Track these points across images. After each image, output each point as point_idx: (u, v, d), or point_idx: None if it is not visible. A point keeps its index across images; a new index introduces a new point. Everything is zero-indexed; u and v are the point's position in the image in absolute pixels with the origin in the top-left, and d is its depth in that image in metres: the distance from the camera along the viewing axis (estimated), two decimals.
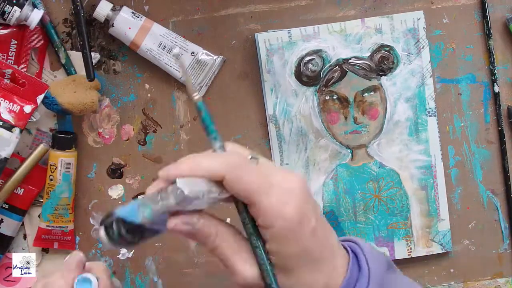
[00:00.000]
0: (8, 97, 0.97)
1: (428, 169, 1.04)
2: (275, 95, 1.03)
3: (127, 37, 1.01)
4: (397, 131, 1.04)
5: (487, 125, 1.05)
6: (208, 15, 1.04)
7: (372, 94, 1.03)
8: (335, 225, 1.04)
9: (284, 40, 1.02)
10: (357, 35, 1.03)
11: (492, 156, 1.05)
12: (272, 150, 1.04)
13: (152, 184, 0.64)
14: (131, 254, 1.05)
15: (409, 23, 1.03)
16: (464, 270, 1.06)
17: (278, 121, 1.03)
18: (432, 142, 1.04)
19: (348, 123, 1.03)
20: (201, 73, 1.03)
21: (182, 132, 1.05)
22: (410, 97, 1.03)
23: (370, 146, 1.04)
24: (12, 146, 0.97)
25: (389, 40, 1.03)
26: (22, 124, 0.97)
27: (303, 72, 1.02)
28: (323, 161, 1.04)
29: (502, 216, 1.06)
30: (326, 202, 1.04)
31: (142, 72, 1.05)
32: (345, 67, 1.03)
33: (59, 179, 1.01)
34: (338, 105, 1.03)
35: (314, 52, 1.02)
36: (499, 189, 1.06)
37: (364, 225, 1.04)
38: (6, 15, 0.97)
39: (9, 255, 1.04)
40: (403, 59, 1.03)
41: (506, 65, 1.05)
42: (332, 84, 1.03)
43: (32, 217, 1.05)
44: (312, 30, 1.02)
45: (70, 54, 1.03)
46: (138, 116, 1.05)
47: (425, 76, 1.03)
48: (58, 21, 1.04)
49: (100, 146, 1.05)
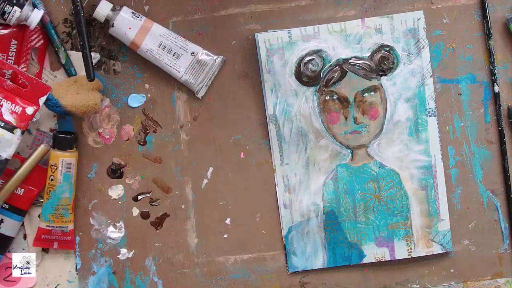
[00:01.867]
0: (10, 98, 0.97)
1: (428, 169, 1.04)
2: (275, 95, 1.03)
3: (127, 37, 1.01)
4: (397, 131, 1.04)
5: (487, 125, 1.05)
6: (208, 15, 1.04)
7: (372, 94, 1.03)
8: (335, 225, 1.04)
9: (284, 40, 1.02)
10: (357, 35, 1.03)
11: (492, 156, 1.05)
12: (272, 150, 1.04)
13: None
14: (131, 254, 1.05)
15: (409, 23, 1.03)
16: (464, 270, 1.06)
17: (278, 121, 1.04)
18: (432, 142, 1.04)
19: (348, 123, 1.03)
20: (201, 73, 1.03)
21: (182, 132, 1.05)
22: (410, 97, 1.04)
23: (370, 146, 1.04)
24: (14, 147, 0.97)
25: (389, 40, 1.03)
26: (23, 125, 0.97)
27: (303, 72, 1.02)
28: (323, 161, 1.04)
29: (502, 216, 1.06)
30: (326, 202, 1.04)
31: (142, 72, 1.05)
32: (345, 67, 1.03)
33: (59, 179, 1.01)
34: (338, 105, 1.03)
35: (314, 52, 1.03)
36: (499, 189, 1.06)
37: (364, 225, 1.05)
38: (6, 15, 0.97)
39: (9, 255, 1.05)
40: (403, 59, 1.03)
41: (506, 65, 1.05)
42: (332, 84, 1.03)
43: (32, 217, 1.05)
44: (312, 30, 1.02)
45: (70, 54, 1.03)
46: (138, 116, 1.05)
47: (425, 76, 1.03)
48: (58, 21, 1.04)
49: (100, 146, 1.05)
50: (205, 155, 1.05)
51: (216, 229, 1.06)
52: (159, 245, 1.06)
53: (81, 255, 1.06)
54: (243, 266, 1.06)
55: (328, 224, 1.05)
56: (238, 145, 1.05)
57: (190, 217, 1.06)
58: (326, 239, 1.05)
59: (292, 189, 1.04)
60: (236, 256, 1.06)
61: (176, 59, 1.02)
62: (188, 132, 1.05)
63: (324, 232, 1.05)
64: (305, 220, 1.05)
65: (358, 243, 1.05)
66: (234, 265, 1.06)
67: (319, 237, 1.05)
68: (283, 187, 1.04)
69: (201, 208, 1.06)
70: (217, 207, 1.06)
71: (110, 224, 1.06)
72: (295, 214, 1.04)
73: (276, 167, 1.04)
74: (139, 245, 1.06)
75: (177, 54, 1.02)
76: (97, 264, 1.06)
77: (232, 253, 1.06)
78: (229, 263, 1.06)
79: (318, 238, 1.05)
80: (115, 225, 1.06)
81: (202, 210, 1.06)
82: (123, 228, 1.06)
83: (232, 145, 1.05)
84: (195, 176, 1.05)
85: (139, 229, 1.06)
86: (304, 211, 1.04)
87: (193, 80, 1.03)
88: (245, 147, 1.05)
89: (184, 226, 1.06)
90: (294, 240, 1.05)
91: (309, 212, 1.04)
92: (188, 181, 1.05)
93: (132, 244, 1.06)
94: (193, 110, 1.05)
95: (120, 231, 1.06)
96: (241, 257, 1.06)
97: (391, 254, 1.05)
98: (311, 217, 1.04)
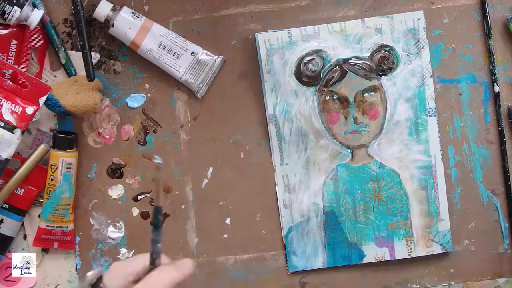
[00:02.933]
0: (11, 98, 0.97)
1: (428, 169, 1.04)
2: (275, 95, 1.03)
3: (127, 37, 1.01)
4: (397, 131, 1.04)
5: (487, 125, 1.05)
6: (208, 15, 1.04)
7: (372, 94, 1.03)
8: (335, 225, 1.04)
9: (284, 40, 1.02)
10: (357, 35, 1.03)
11: (492, 156, 1.05)
12: (272, 150, 1.04)
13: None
14: (131, 254, 1.05)
15: (409, 23, 1.03)
16: (464, 270, 1.06)
17: (278, 121, 1.04)
18: (432, 142, 1.04)
19: (348, 123, 1.03)
20: (201, 73, 1.03)
21: (182, 132, 1.05)
22: (410, 97, 1.03)
23: (370, 146, 1.04)
24: (13, 147, 0.97)
25: (389, 40, 1.03)
26: (24, 125, 0.97)
27: (303, 72, 1.02)
28: (323, 161, 1.04)
29: (502, 216, 1.06)
30: (326, 202, 1.04)
31: (142, 72, 1.05)
32: (345, 67, 1.02)
33: (59, 179, 1.01)
34: (338, 105, 1.03)
35: (314, 52, 1.02)
36: (499, 189, 1.06)
37: (364, 225, 1.05)
38: (6, 15, 0.97)
39: (9, 255, 1.05)
40: (403, 59, 1.03)
41: (506, 65, 1.05)
42: (332, 84, 1.03)
43: (32, 217, 1.05)
44: (312, 30, 1.02)
45: (70, 54, 1.03)
46: (138, 116, 1.05)
47: (425, 76, 1.03)
48: (58, 21, 1.04)
49: (100, 146, 1.05)
50: (205, 155, 1.05)
51: (216, 229, 1.06)
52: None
53: (81, 255, 1.06)
54: (243, 266, 1.06)
55: (328, 224, 1.04)
56: (238, 145, 1.05)
57: (190, 217, 1.06)
58: (326, 239, 1.05)
59: (292, 189, 1.04)
60: (236, 256, 1.06)
61: (176, 59, 1.02)
62: (188, 132, 1.05)
63: (324, 232, 1.05)
64: (305, 220, 1.05)
65: (358, 243, 1.05)
66: (234, 265, 1.06)
67: (319, 237, 1.05)
68: (283, 187, 1.04)
69: (201, 208, 1.06)
70: (217, 207, 1.06)
71: (110, 224, 1.06)
72: (295, 214, 1.04)
73: (276, 167, 1.04)
74: (139, 245, 1.06)
75: (177, 54, 1.02)
76: (97, 264, 1.06)
77: (232, 253, 1.06)
78: (229, 263, 1.06)
79: (318, 238, 1.05)
80: (115, 225, 1.06)
81: (202, 210, 1.06)
82: (123, 228, 1.06)
83: (232, 145, 1.05)
84: (195, 176, 1.05)
85: (139, 229, 1.06)
86: (304, 211, 1.04)
87: (193, 80, 1.03)
88: (245, 147, 1.05)
89: (184, 226, 1.06)
90: (294, 240, 1.05)
91: (309, 212, 1.04)
92: (188, 181, 1.05)
93: (132, 244, 1.06)
94: (193, 110, 1.05)
95: (120, 231, 1.06)
96: (241, 257, 1.06)
97: (391, 254, 1.05)
98: (311, 217, 1.04)
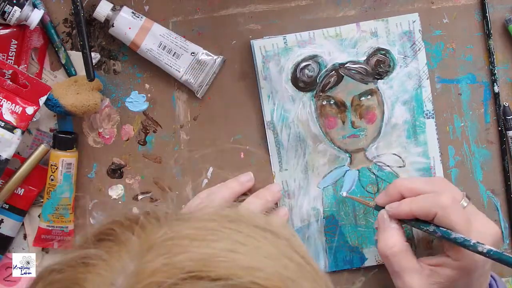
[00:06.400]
0: (11, 98, 0.98)
1: (427, 171, 1.04)
2: (272, 101, 1.03)
3: (127, 37, 1.01)
4: (395, 134, 1.04)
5: (487, 125, 1.05)
6: (208, 15, 1.04)
7: (369, 98, 1.03)
8: (335, 229, 1.04)
9: (280, 47, 1.02)
10: (352, 39, 1.02)
11: (492, 156, 1.05)
12: (270, 156, 1.04)
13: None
14: None
15: (405, 26, 1.02)
16: None
17: (276, 128, 1.03)
18: (430, 144, 1.04)
19: (345, 127, 1.03)
20: (201, 73, 1.03)
21: (182, 132, 1.05)
22: (407, 99, 1.03)
23: (369, 150, 1.04)
24: (14, 147, 0.97)
25: (384, 44, 1.02)
26: (24, 125, 0.97)
27: (300, 77, 1.02)
28: (322, 166, 1.04)
29: (502, 216, 1.06)
30: (326, 206, 1.04)
31: (142, 72, 1.05)
32: (341, 72, 1.02)
33: (60, 179, 1.02)
34: (335, 109, 1.03)
35: (310, 57, 1.02)
36: (499, 189, 1.06)
37: (365, 228, 1.04)
38: (6, 15, 0.97)
39: (9, 255, 1.05)
40: (400, 62, 1.03)
41: (506, 65, 1.05)
42: (329, 89, 1.03)
43: (32, 217, 1.05)
44: (307, 36, 1.02)
45: (70, 54, 1.03)
46: (138, 116, 1.05)
47: (422, 78, 1.03)
48: (58, 21, 1.04)
49: (100, 146, 1.05)
50: (205, 155, 1.05)
51: None
52: None
53: None
54: None
55: (329, 229, 1.04)
56: (238, 145, 1.05)
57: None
58: (327, 244, 1.04)
59: (291, 194, 1.04)
60: None
61: (176, 59, 1.02)
62: (188, 132, 1.05)
63: (324, 236, 1.04)
64: (305, 225, 1.04)
65: (359, 247, 1.04)
66: None
67: (320, 242, 1.04)
68: (282, 192, 1.04)
69: None
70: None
71: None
72: (295, 219, 1.04)
73: (275, 173, 1.04)
74: None
75: (177, 54, 1.02)
76: None
77: None
78: None
79: (319, 243, 1.04)
80: None
81: None
82: None
83: (232, 145, 1.05)
84: (195, 176, 1.05)
85: None
86: (304, 216, 1.04)
87: (193, 80, 1.03)
88: (245, 147, 1.05)
89: None
90: None
91: (309, 217, 1.04)
92: (188, 181, 1.05)
93: None
94: (193, 110, 1.05)
95: None
96: None
97: None
98: (311, 221, 1.04)
